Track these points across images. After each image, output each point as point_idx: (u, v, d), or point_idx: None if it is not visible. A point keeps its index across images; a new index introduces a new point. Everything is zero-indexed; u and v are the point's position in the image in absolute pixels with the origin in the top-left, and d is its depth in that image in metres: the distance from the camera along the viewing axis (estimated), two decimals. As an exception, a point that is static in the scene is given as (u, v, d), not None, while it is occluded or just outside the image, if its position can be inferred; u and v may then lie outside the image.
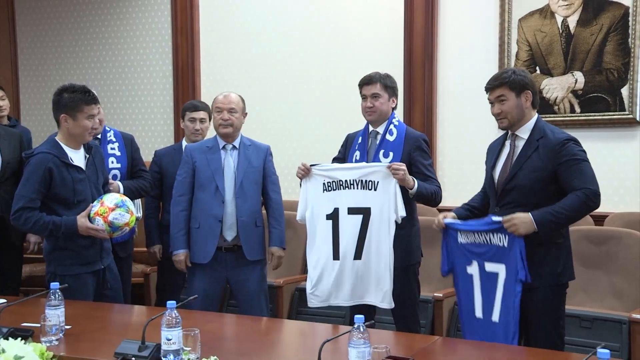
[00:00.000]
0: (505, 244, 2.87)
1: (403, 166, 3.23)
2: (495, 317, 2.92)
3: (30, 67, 6.85)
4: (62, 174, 3.25)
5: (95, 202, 3.28)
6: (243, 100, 3.76)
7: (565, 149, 2.86)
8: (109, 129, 4.07)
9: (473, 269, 3.02)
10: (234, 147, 3.69)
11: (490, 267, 2.95)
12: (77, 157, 3.33)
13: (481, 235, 2.97)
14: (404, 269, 3.37)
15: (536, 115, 3.02)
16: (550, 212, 2.80)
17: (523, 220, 2.80)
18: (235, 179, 3.63)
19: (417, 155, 3.41)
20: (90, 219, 3.23)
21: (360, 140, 3.54)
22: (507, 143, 3.06)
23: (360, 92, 3.52)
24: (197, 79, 6.07)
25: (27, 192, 3.23)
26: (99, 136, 3.95)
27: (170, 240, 3.69)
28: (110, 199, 3.28)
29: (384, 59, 5.31)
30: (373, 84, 3.46)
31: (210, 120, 4.23)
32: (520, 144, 2.99)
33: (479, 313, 3.00)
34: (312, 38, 5.63)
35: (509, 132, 3.07)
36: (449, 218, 3.16)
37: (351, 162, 3.50)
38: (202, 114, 4.23)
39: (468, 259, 3.04)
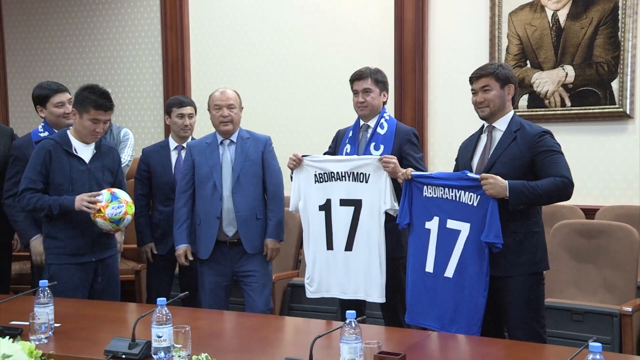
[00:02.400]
0: (475, 203, 2.91)
1: (394, 159, 3.25)
2: (449, 273, 2.97)
3: (18, 64, 6.80)
4: (60, 160, 3.38)
5: (97, 197, 3.34)
6: (239, 95, 3.78)
7: (542, 140, 2.93)
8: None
9: (432, 224, 3.06)
10: (232, 141, 3.70)
11: (452, 224, 2.99)
12: (84, 151, 3.45)
13: (451, 190, 3.00)
14: (393, 260, 3.38)
15: (512, 110, 3.09)
16: (525, 185, 2.85)
17: (499, 182, 2.85)
18: (232, 174, 3.63)
19: (408, 148, 3.43)
20: (92, 222, 3.34)
21: (351, 134, 3.56)
22: (483, 136, 3.12)
23: (352, 88, 3.54)
24: (187, 75, 6.05)
25: (28, 173, 3.39)
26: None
27: (173, 236, 3.77)
28: (103, 199, 3.33)
29: (375, 53, 5.31)
30: (364, 79, 3.49)
31: (196, 114, 4.24)
32: (497, 135, 3.05)
33: (429, 268, 3.05)
34: (303, 32, 5.61)
35: (485, 126, 3.12)
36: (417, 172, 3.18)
37: (342, 154, 3.52)
38: (189, 109, 4.19)
39: (430, 213, 3.07)
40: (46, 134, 3.82)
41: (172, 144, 4.18)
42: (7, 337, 2.37)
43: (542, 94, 4.79)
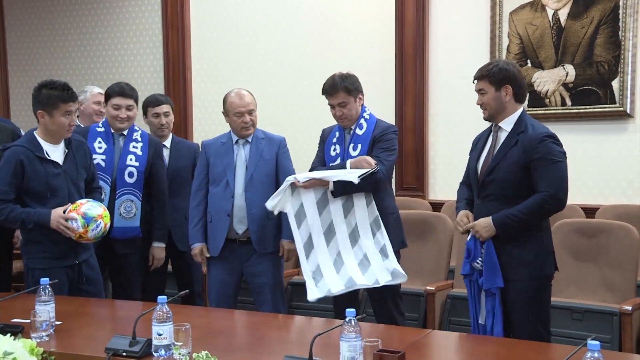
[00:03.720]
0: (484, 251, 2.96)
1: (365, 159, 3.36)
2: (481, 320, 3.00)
3: (20, 63, 6.82)
4: (34, 167, 3.23)
5: (72, 222, 3.21)
6: (252, 95, 3.77)
7: (541, 146, 2.87)
8: (137, 129, 3.93)
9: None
10: (247, 141, 3.70)
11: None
12: (55, 152, 3.31)
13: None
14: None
15: (521, 109, 3.03)
16: (508, 216, 2.87)
17: (483, 225, 2.91)
18: (246, 173, 3.64)
19: (380, 136, 3.47)
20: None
21: (337, 135, 3.61)
22: (491, 136, 3.09)
23: (327, 99, 3.56)
24: (187, 74, 6.06)
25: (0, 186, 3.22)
26: (125, 132, 3.86)
27: (189, 234, 3.75)
28: (79, 225, 3.21)
29: (376, 52, 5.31)
30: (336, 94, 3.50)
31: (173, 112, 4.21)
32: (502, 136, 3.01)
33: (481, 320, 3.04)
34: (304, 32, 5.61)
35: (493, 124, 3.08)
36: (468, 218, 3.10)
37: (329, 154, 3.58)
38: (165, 108, 4.14)
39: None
40: (103, 129, 3.84)
41: None
42: (9, 334, 2.37)
43: (542, 93, 4.79)
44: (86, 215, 3.20)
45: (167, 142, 4.17)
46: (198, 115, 6.09)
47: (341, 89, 3.47)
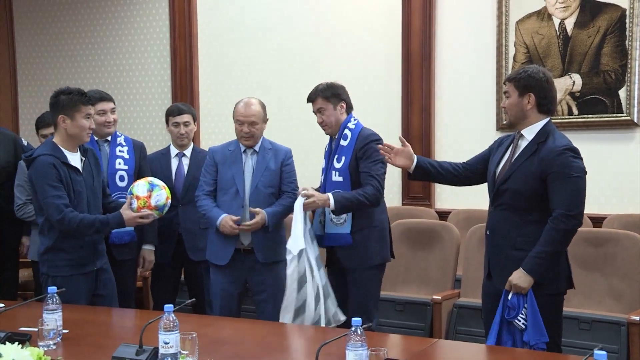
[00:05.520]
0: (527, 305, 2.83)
1: (312, 198, 3.36)
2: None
3: (29, 72, 6.86)
4: (64, 174, 3.25)
5: (131, 200, 3.30)
6: (264, 107, 3.74)
7: (559, 159, 2.79)
8: (119, 134, 3.97)
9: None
10: (255, 151, 3.71)
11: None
12: (74, 159, 3.34)
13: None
14: (363, 271, 3.43)
15: (546, 119, 2.92)
16: (536, 257, 2.79)
17: (519, 279, 2.80)
18: (252, 182, 3.65)
19: (361, 152, 3.45)
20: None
21: (327, 147, 3.64)
22: (513, 143, 3.01)
23: None
24: (195, 83, 6.08)
25: (54, 194, 3.20)
26: (109, 138, 3.89)
27: (210, 215, 3.64)
28: (140, 189, 3.31)
29: (382, 60, 5.33)
30: (315, 101, 3.56)
31: (194, 122, 4.24)
32: (523, 144, 2.93)
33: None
34: (311, 41, 5.63)
35: (517, 131, 3.00)
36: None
37: (324, 168, 3.61)
38: (186, 117, 4.16)
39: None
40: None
41: (173, 151, 4.20)
42: (16, 343, 2.38)
43: (549, 102, 4.79)
44: (151, 183, 3.34)
45: (188, 152, 4.18)
46: (205, 124, 6.11)
47: (319, 95, 3.53)
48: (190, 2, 6.03)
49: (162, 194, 3.32)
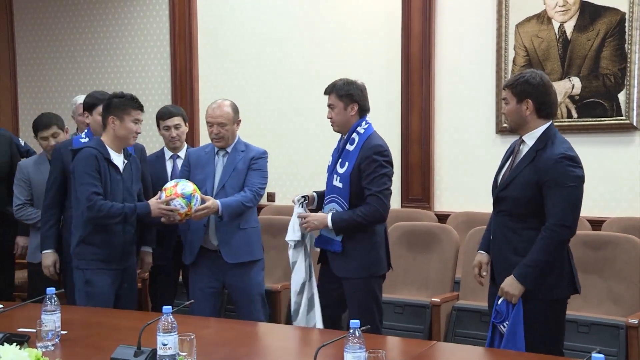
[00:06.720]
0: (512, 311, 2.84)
1: (308, 218, 3.36)
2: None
3: (29, 73, 6.86)
4: (103, 168, 3.41)
5: (159, 194, 3.46)
6: (235, 109, 3.72)
7: (555, 167, 2.77)
8: None
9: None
10: (227, 152, 3.72)
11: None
12: (117, 159, 3.49)
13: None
14: (354, 280, 3.35)
15: (547, 124, 2.89)
16: (529, 265, 2.78)
17: (510, 286, 2.80)
18: (218, 184, 3.67)
19: (364, 165, 3.30)
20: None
21: (336, 146, 3.54)
22: (516, 148, 2.99)
23: None
24: (195, 85, 6.09)
25: (90, 182, 3.36)
26: None
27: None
28: (168, 184, 3.48)
29: (382, 64, 5.33)
30: (328, 95, 3.44)
31: (185, 123, 4.23)
32: (524, 150, 2.92)
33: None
34: (310, 43, 5.64)
35: (520, 136, 2.99)
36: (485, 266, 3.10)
37: (330, 167, 3.52)
38: (176, 120, 4.14)
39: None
40: (87, 140, 3.77)
41: (167, 153, 4.20)
42: (15, 344, 2.38)
43: (548, 105, 4.79)
44: (184, 194, 3.40)
45: (182, 153, 4.18)
46: (205, 125, 6.09)
47: (333, 90, 3.41)
48: (190, 3, 6.04)
49: (188, 185, 3.45)
